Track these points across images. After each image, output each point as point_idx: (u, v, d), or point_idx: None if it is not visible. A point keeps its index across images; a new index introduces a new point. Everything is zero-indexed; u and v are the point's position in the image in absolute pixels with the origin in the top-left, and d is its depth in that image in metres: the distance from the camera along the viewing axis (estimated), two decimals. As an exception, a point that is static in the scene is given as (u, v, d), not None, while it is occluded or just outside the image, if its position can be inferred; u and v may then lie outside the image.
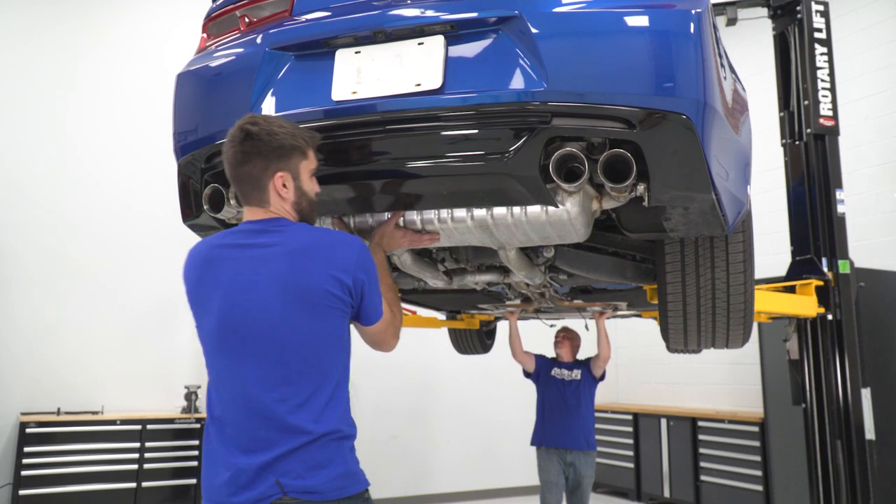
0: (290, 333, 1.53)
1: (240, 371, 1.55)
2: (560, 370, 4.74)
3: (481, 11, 1.70)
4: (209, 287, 1.62)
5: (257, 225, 1.65)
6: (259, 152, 1.61)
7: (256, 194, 1.66)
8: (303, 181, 1.69)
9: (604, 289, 3.23)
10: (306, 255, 1.57)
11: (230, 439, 1.54)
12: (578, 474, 4.59)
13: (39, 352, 5.87)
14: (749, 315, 2.30)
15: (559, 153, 1.66)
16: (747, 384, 6.78)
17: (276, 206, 1.67)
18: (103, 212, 6.27)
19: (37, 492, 5.30)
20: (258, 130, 1.61)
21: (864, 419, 3.92)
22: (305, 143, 1.67)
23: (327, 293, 1.55)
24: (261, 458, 1.49)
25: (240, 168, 1.64)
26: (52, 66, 6.27)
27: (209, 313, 1.62)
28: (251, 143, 1.61)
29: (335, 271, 1.56)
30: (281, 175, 1.64)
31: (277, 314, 1.54)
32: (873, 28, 6.20)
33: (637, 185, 1.70)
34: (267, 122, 1.63)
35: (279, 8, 2.00)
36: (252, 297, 1.56)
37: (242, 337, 1.56)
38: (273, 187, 1.65)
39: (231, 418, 1.55)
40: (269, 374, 1.53)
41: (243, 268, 1.59)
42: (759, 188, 5.90)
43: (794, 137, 4.26)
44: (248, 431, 1.52)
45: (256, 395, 1.52)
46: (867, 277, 4.73)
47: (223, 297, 1.59)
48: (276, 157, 1.63)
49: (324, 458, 1.50)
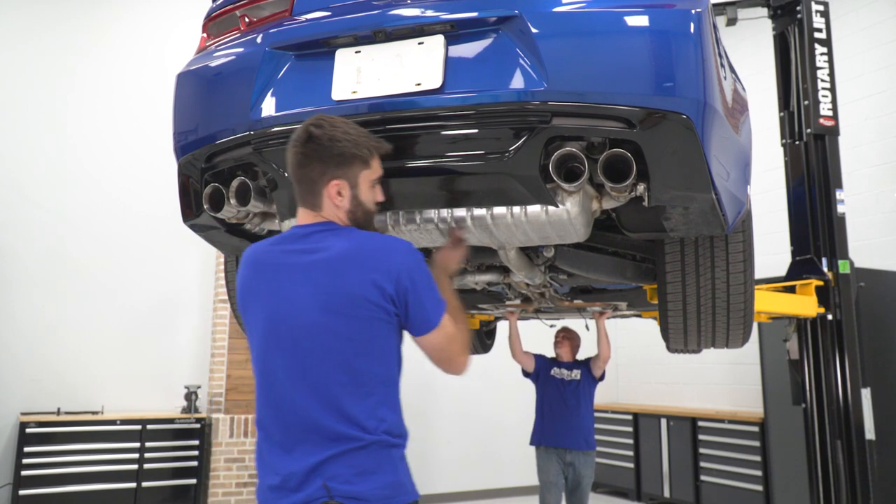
0: (333, 342, 1.51)
1: (284, 378, 1.53)
2: (560, 370, 4.74)
3: (481, 11, 1.70)
4: (256, 292, 1.61)
5: (305, 230, 1.62)
6: (318, 157, 1.58)
7: (310, 198, 1.63)
8: (361, 191, 1.63)
9: (604, 289, 3.23)
10: (348, 262, 1.53)
11: (277, 445, 1.53)
12: (578, 474, 4.58)
13: (39, 352, 5.87)
14: (749, 315, 2.30)
15: (559, 153, 1.66)
16: (747, 384, 6.78)
17: (329, 213, 1.63)
18: (103, 212, 6.27)
19: (37, 492, 5.30)
20: (320, 134, 1.57)
21: (864, 419, 3.92)
22: (369, 152, 1.62)
23: (368, 301, 1.51)
24: (309, 462, 1.47)
25: (298, 170, 1.61)
26: (52, 66, 6.27)
27: (255, 318, 1.60)
28: (312, 146, 1.58)
29: (376, 278, 1.51)
30: (337, 183, 1.60)
31: (320, 323, 1.51)
32: (873, 28, 6.20)
33: (637, 184, 1.70)
34: (331, 127, 1.59)
35: (279, 8, 2.00)
36: (296, 305, 1.54)
37: (286, 344, 1.54)
38: (327, 194, 1.61)
39: (277, 424, 1.53)
40: (313, 382, 1.50)
41: (288, 274, 1.57)
42: (759, 188, 5.90)
43: (794, 137, 4.26)
44: (294, 437, 1.50)
45: (301, 403, 1.50)
46: (867, 277, 4.73)
47: (268, 304, 1.57)
48: (334, 165, 1.59)
49: (372, 465, 1.48)
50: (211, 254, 6.44)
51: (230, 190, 1.98)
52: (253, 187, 1.99)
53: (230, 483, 6.05)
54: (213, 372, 6.31)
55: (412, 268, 1.55)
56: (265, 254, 1.63)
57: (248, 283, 1.63)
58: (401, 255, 1.55)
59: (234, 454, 6.10)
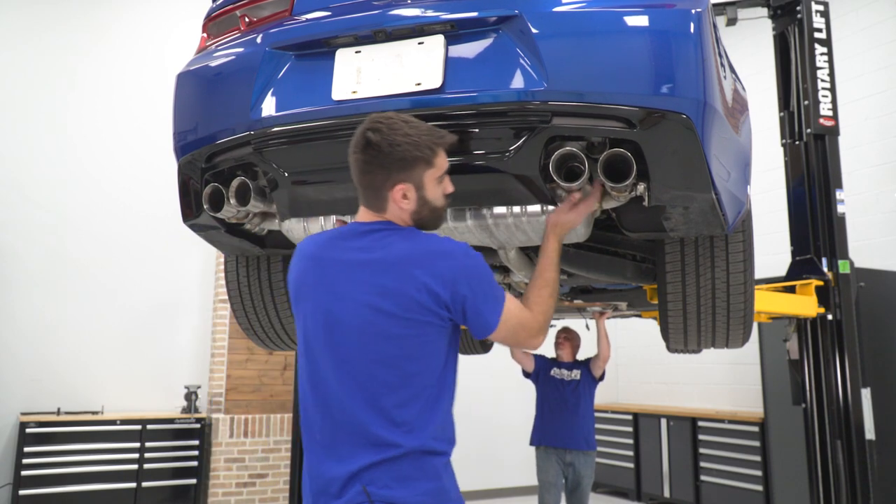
0: (383, 346, 1.48)
1: (330, 377, 1.51)
2: (560, 370, 4.73)
3: (481, 11, 1.70)
4: (309, 286, 1.58)
5: (365, 227, 1.59)
6: (380, 164, 1.52)
7: (375, 203, 1.59)
8: (427, 190, 1.58)
9: (604, 289, 3.23)
10: (404, 264, 1.50)
11: (319, 445, 1.52)
12: (578, 474, 4.58)
13: (39, 352, 5.87)
14: (749, 315, 2.30)
15: (559, 152, 1.66)
16: (747, 384, 6.78)
17: (392, 214, 1.59)
18: (103, 212, 6.27)
19: (37, 492, 5.30)
20: (379, 140, 1.51)
21: (864, 419, 3.92)
22: (431, 151, 1.55)
23: (421, 306, 1.47)
24: (349, 468, 1.45)
25: (361, 177, 1.56)
26: (52, 66, 6.27)
27: (305, 311, 1.58)
28: (372, 152, 1.52)
29: (431, 283, 1.48)
30: (402, 187, 1.55)
31: (370, 325, 1.49)
32: (873, 28, 6.20)
33: (637, 184, 1.70)
34: (390, 129, 1.51)
35: (279, 8, 2.00)
36: (348, 304, 1.51)
37: (334, 344, 1.52)
38: (392, 198, 1.56)
39: (320, 423, 1.52)
40: (360, 385, 1.48)
41: (344, 272, 1.54)
42: (759, 188, 5.90)
43: (794, 137, 4.26)
44: (337, 439, 1.49)
45: (346, 405, 1.48)
46: (867, 277, 4.73)
47: (319, 300, 1.55)
48: (397, 169, 1.53)
49: (413, 471, 1.45)
50: (211, 254, 6.44)
51: (230, 190, 1.98)
52: (253, 187, 1.99)
53: (230, 483, 6.05)
54: (213, 372, 6.31)
55: (469, 272, 1.52)
56: (323, 248, 1.60)
57: (303, 276, 1.61)
58: (458, 259, 1.51)
59: (234, 454, 6.10)
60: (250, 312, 2.72)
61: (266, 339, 2.85)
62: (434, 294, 1.48)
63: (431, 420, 1.49)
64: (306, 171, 1.92)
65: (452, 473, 1.53)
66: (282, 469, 6.23)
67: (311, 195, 1.97)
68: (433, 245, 1.53)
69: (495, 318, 1.55)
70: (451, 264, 1.50)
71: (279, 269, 2.61)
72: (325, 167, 1.89)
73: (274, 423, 6.30)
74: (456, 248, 1.53)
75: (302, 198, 1.97)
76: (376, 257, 1.52)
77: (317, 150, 1.84)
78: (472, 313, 1.52)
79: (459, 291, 1.49)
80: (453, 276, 1.49)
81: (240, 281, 2.66)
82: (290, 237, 2.12)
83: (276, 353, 6.38)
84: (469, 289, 1.50)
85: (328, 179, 1.92)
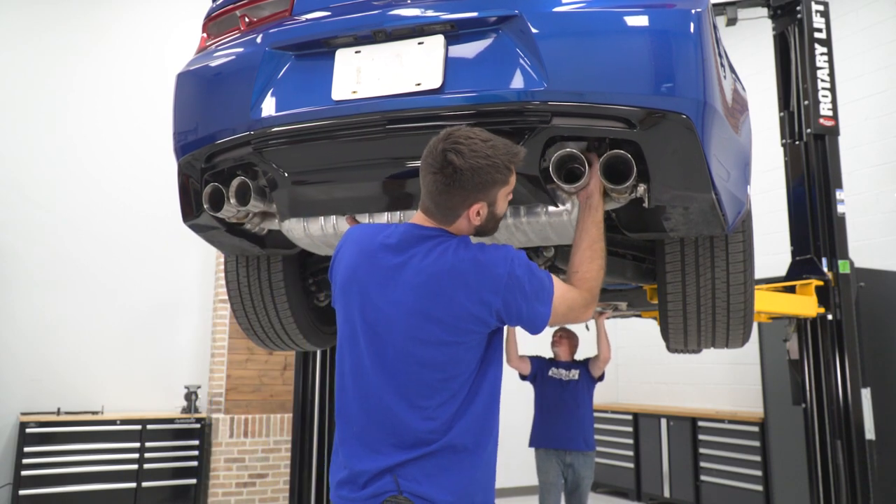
0: (427, 350, 1.51)
1: (371, 374, 1.54)
2: (558, 370, 4.72)
3: (481, 11, 1.70)
4: (361, 282, 1.58)
5: (421, 231, 1.59)
6: (460, 186, 1.52)
7: (444, 218, 1.59)
8: (497, 207, 1.61)
9: (604, 288, 3.23)
10: (457, 275, 1.51)
11: (355, 437, 1.53)
12: (577, 475, 4.57)
13: (39, 352, 5.87)
14: (749, 315, 2.30)
15: (559, 154, 1.66)
16: (747, 384, 6.78)
17: (458, 227, 1.60)
18: (103, 212, 6.27)
19: (37, 492, 5.30)
20: (461, 164, 1.49)
21: (864, 419, 3.92)
22: (508, 171, 1.56)
23: (471, 316, 1.50)
24: (380, 464, 1.48)
25: (437, 196, 1.55)
26: (53, 67, 6.27)
27: (351, 305, 1.59)
28: (453, 175, 1.50)
29: (482, 293, 1.50)
30: (477, 207, 1.56)
31: (418, 330, 1.51)
32: (873, 28, 6.20)
33: (637, 185, 1.70)
34: (471, 151, 1.49)
35: (279, 8, 2.00)
36: (397, 307, 1.53)
37: (378, 342, 1.54)
38: (466, 216, 1.58)
39: (358, 416, 1.54)
40: (401, 384, 1.51)
41: (393, 274, 1.55)
42: (759, 188, 5.90)
43: (794, 137, 4.26)
44: (373, 433, 1.51)
45: (385, 402, 1.51)
46: (867, 277, 4.73)
47: (367, 296, 1.56)
48: (475, 191, 1.54)
49: (442, 469, 1.48)
50: (211, 254, 6.44)
51: (230, 189, 1.98)
52: (253, 187, 1.99)
53: (230, 483, 6.05)
54: (213, 372, 6.31)
55: (519, 276, 1.53)
56: (378, 248, 1.60)
57: (354, 269, 1.61)
58: (506, 264, 1.52)
59: (234, 454, 6.10)
60: (250, 312, 2.72)
61: (266, 339, 2.85)
62: (487, 304, 1.50)
63: (470, 420, 1.52)
64: (306, 171, 1.92)
65: (486, 473, 1.54)
66: (282, 469, 6.23)
67: (312, 195, 1.97)
68: (487, 255, 1.54)
69: (546, 313, 1.57)
70: (499, 273, 1.51)
71: (279, 269, 2.61)
72: (326, 167, 1.89)
73: (274, 423, 6.30)
74: (504, 256, 1.54)
75: (302, 198, 1.97)
76: (431, 264, 1.53)
77: (317, 150, 1.84)
78: (527, 315, 1.55)
79: (511, 300, 1.52)
80: (504, 285, 1.51)
81: (240, 281, 2.66)
82: (291, 237, 2.12)
83: (276, 353, 6.37)
84: (521, 295, 1.53)
85: (328, 179, 1.92)
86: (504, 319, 1.54)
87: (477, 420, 1.54)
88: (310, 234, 2.06)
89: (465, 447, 1.51)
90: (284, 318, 2.70)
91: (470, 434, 1.52)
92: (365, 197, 1.92)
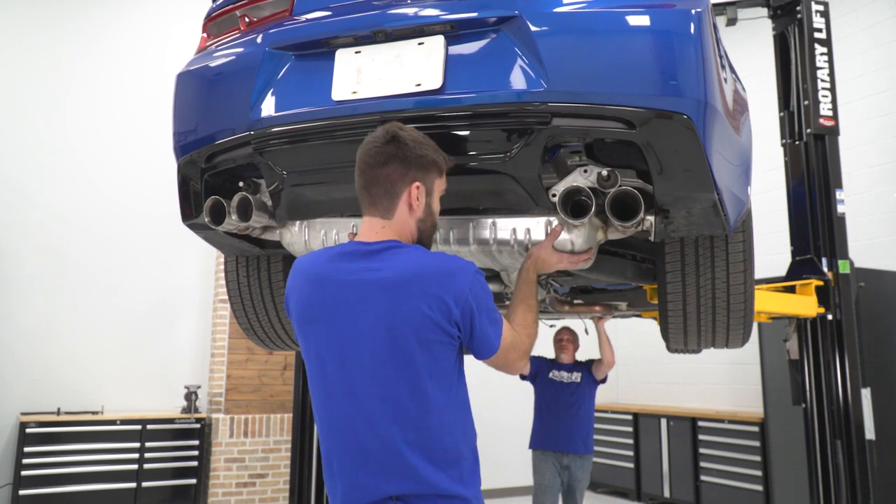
0: (397, 370, 1.47)
1: (346, 405, 1.50)
2: (559, 372, 4.69)
3: (481, 11, 1.70)
4: (317, 309, 1.55)
5: (370, 247, 1.56)
6: (403, 157, 1.55)
7: (385, 202, 1.58)
8: (433, 199, 1.63)
9: (604, 289, 3.23)
10: (415, 283, 1.49)
11: (337, 477, 1.51)
12: (573, 478, 4.54)
13: (39, 352, 5.87)
14: (749, 315, 2.30)
15: (566, 189, 1.70)
16: (747, 384, 6.78)
17: (400, 220, 1.59)
18: (103, 212, 6.27)
19: (37, 492, 5.30)
20: (405, 136, 1.55)
21: (864, 419, 3.92)
22: (444, 161, 1.62)
23: (433, 324, 1.47)
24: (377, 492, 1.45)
25: (377, 169, 1.56)
26: (52, 66, 6.27)
27: (316, 335, 1.55)
28: (396, 145, 1.55)
29: (442, 302, 1.47)
30: (418, 185, 1.57)
31: (384, 346, 1.48)
32: (873, 28, 6.20)
33: (644, 219, 1.71)
34: (413, 131, 1.58)
35: (279, 8, 2.00)
36: (360, 327, 1.49)
37: (347, 371, 1.50)
38: (406, 196, 1.58)
39: (337, 453, 1.51)
40: (378, 406, 1.47)
41: (353, 294, 1.52)
42: (759, 188, 5.89)
43: (794, 137, 4.26)
44: (355, 469, 1.48)
45: (365, 427, 1.47)
46: (867, 277, 4.73)
47: (331, 324, 1.53)
48: (416, 166, 1.56)
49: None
50: (211, 254, 6.44)
51: (231, 205, 1.98)
52: (254, 202, 1.99)
53: (230, 483, 6.05)
54: (213, 372, 6.31)
55: (478, 291, 1.52)
56: (328, 269, 1.57)
57: (309, 299, 1.57)
58: (467, 276, 1.51)
59: (234, 454, 6.11)
60: (250, 312, 2.72)
61: (266, 339, 2.85)
62: (446, 311, 1.48)
63: (452, 434, 1.50)
64: (306, 172, 1.92)
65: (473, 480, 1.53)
66: (282, 469, 6.23)
67: (311, 196, 1.96)
68: (444, 263, 1.53)
69: (498, 339, 1.57)
70: (461, 282, 1.50)
71: (279, 269, 2.61)
72: (325, 167, 1.89)
73: (274, 423, 6.30)
74: (466, 267, 1.53)
75: (301, 199, 1.97)
76: (387, 276, 1.51)
77: (317, 151, 1.84)
78: (479, 333, 1.54)
79: (468, 309, 1.50)
80: (465, 294, 1.50)
81: (240, 281, 2.66)
82: (292, 251, 2.13)
83: (276, 353, 6.37)
84: (478, 309, 1.52)
85: (328, 180, 1.92)
86: (461, 332, 1.52)
87: (464, 431, 1.53)
88: (311, 248, 2.07)
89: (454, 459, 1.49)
90: (284, 318, 2.70)
91: (462, 446, 1.51)
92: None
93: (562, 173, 1.81)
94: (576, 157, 1.83)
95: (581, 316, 4.21)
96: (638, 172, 1.76)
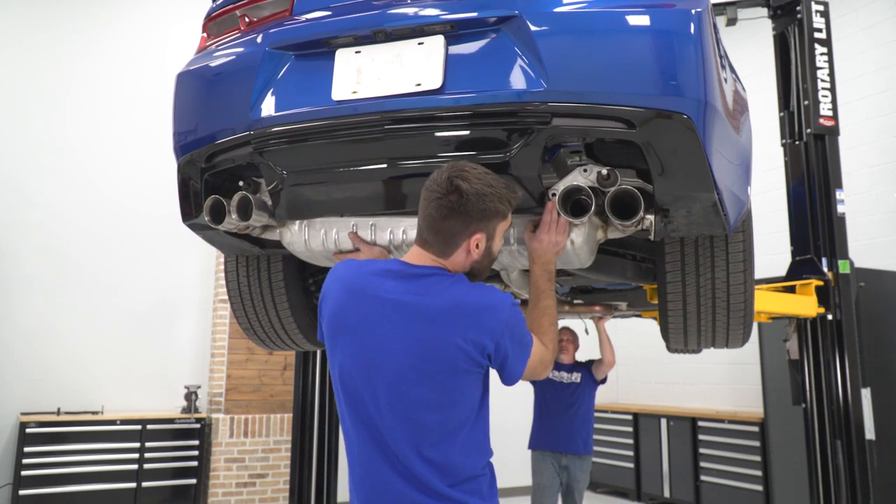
0: (422, 391, 1.48)
1: (372, 418, 1.50)
2: (559, 373, 4.68)
3: (481, 11, 1.70)
4: (350, 320, 1.55)
5: (415, 269, 1.57)
6: (464, 212, 1.53)
7: (443, 247, 1.58)
8: (494, 242, 1.62)
9: (603, 288, 3.23)
10: (452, 314, 1.50)
11: (360, 484, 1.51)
12: (572, 478, 4.53)
13: (39, 352, 5.87)
14: (749, 315, 2.30)
15: (566, 188, 1.69)
16: (747, 384, 6.78)
17: (455, 261, 1.59)
18: (103, 212, 6.27)
19: (37, 492, 5.30)
20: (468, 189, 1.51)
21: (864, 419, 3.92)
22: (509, 205, 1.59)
23: (465, 356, 1.48)
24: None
25: (438, 222, 1.55)
26: (52, 66, 6.27)
27: (345, 347, 1.55)
28: (458, 200, 1.52)
29: (478, 336, 1.49)
30: (478, 237, 1.57)
31: (412, 370, 1.48)
32: (873, 28, 6.20)
33: (644, 218, 1.72)
34: (477, 179, 1.53)
35: (279, 7, 2.00)
36: (391, 347, 1.50)
37: (375, 386, 1.50)
38: (466, 245, 1.57)
39: (359, 461, 1.52)
40: (400, 426, 1.48)
41: (389, 314, 1.52)
42: (759, 188, 5.88)
43: (794, 137, 4.26)
44: (377, 486, 1.49)
45: (391, 444, 1.48)
46: (867, 277, 4.73)
47: (362, 338, 1.53)
48: (478, 219, 1.55)
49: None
50: (211, 254, 6.44)
51: (231, 205, 1.98)
52: (254, 201, 1.99)
53: (230, 483, 6.05)
54: (213, 372, 6.31)
55: (513, 328, 1.54)
56: (366, 284, 1.57)
57: (343, 310, 1.57)
58: (504, 311, 1.53)
59: (234, 454, 6.11)
60: (250, 312, 2.72)
61: (266, 339, 2.85)
62: (480, 345, 1.50)
63: (469, 455, 1.52)
64: (306, 171, 1.92)
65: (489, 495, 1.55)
66: (282, 469, 6.23)
67: (311, 195, 1.96)
68: (483, 296, 1.54)
69: (524, 367, 1.60)
70: (498, 317, 1.52)
71: (279, 269, 2.60)
72: (326, 167, 1.89)
73: (274, 423, 6.30)
74: (503, 301, 1.55)
75: (301, 198, 1.97)
76: (426, 303, 1.52)
77: (317, 150, 1.84)
78: (509, 365, 1.57)
79: (503, 345, 1.52)
80: (500, 330, 1.51)
81: (240, 281, 2.65)
82: (292, 251, 2.13)
83: (276, 353, 6.37)
84: (511, 343, 1.54)
85: (328, 179, 1.92)
86: (491, 363, 1.54)
87: (482, 449, 1.57)
88: (311, 248, 2.07)
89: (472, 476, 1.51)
90: (284, 318, 2.70)
91: (478, 465, 1.54)
92: (364, 197, 1.92)
93: (562, 173, 1.81)
94: (576, 156, 1.83)
95: (581, 316, 4.21)
96: (638, 172, 1.76)
